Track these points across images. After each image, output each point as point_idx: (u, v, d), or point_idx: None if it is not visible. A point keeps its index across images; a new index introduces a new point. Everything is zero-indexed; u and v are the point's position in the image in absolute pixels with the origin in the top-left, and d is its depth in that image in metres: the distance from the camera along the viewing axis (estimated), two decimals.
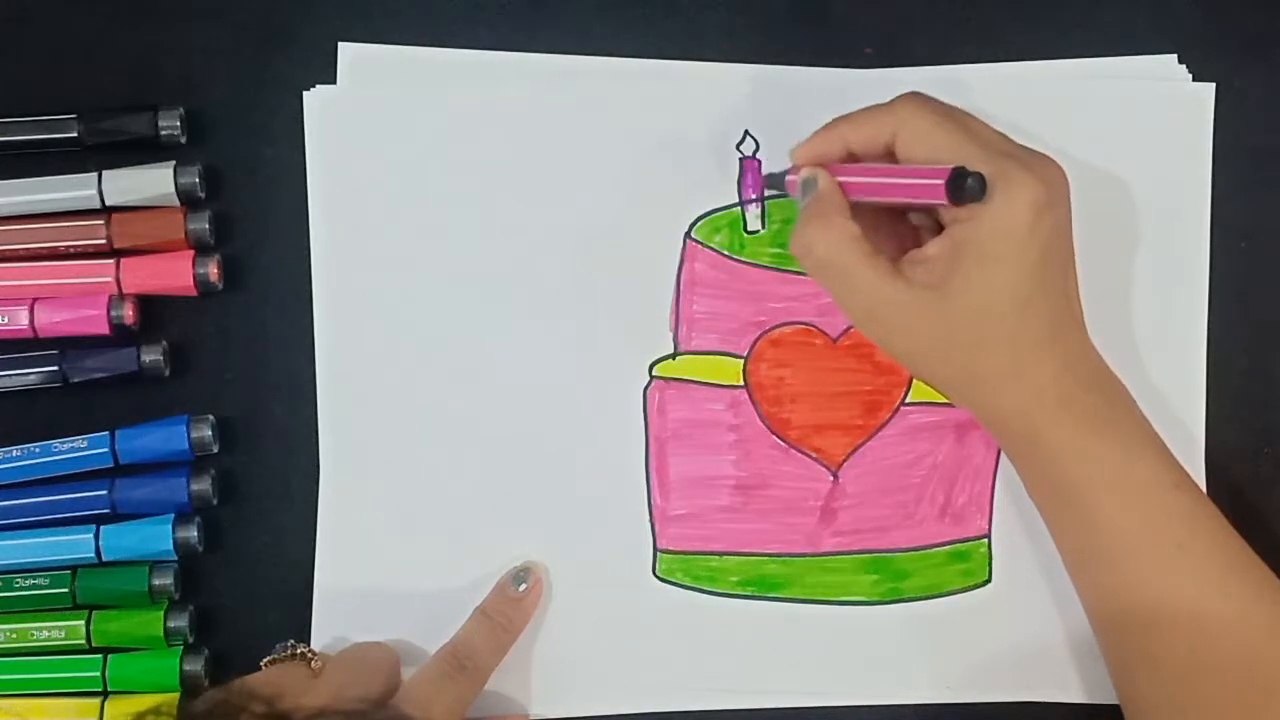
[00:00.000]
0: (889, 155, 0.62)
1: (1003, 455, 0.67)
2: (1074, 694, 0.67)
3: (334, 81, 0.69)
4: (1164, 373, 0.67)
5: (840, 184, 0.61)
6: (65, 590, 0.66)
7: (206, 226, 0.67)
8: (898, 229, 0.64)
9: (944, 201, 0.58)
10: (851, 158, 0.63)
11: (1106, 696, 0.66)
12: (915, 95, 0.62)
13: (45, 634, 0.66)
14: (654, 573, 0.68)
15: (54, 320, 0.67)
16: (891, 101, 0.62)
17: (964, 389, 0.62)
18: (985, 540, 0.68)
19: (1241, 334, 0.68)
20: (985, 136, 0.61)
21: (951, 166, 0.58)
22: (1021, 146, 0.61)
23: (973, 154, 0.59)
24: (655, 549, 0.68)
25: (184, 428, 0.67)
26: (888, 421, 0.68)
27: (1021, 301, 0.59)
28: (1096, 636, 0.64)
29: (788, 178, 0.64)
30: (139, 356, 0.67)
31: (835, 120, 0.63)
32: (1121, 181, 0.68)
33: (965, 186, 0.57)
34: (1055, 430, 0.61)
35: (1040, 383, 0.60)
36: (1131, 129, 0.68)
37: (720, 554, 0.68)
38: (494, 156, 0.68)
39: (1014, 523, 0.67)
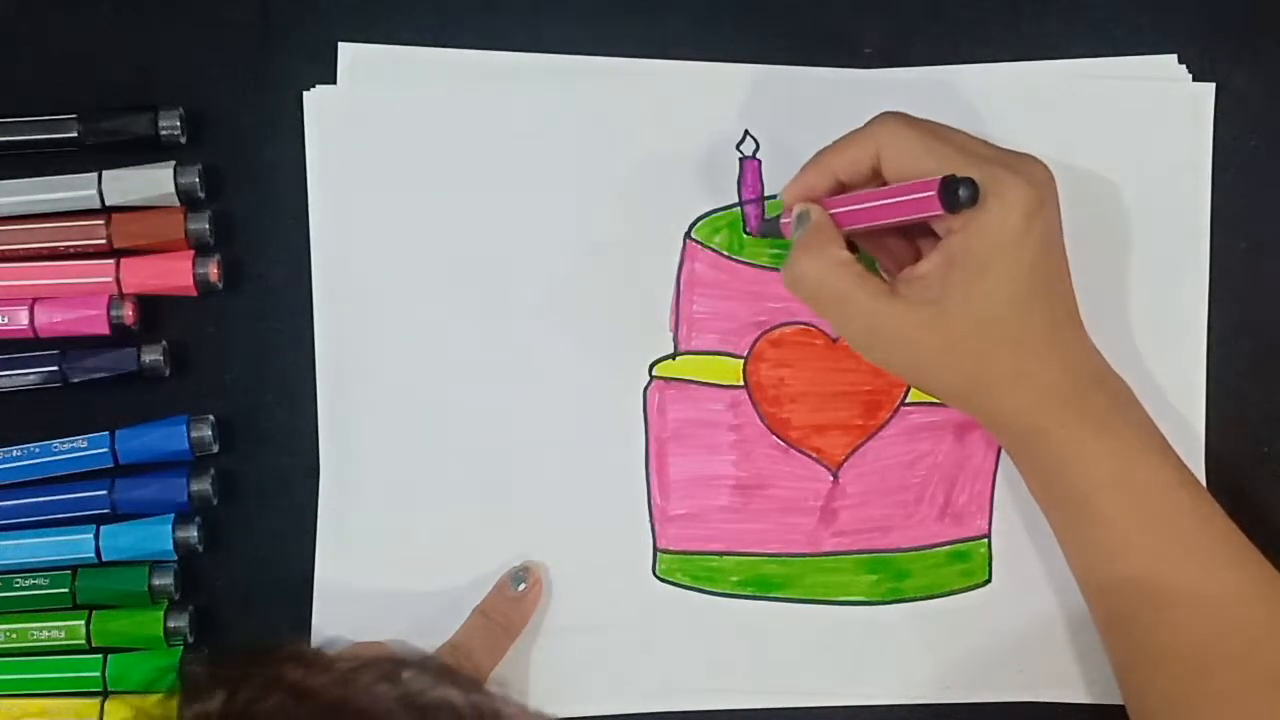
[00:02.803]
0: (876, 178, 0.62)
1: (1003, 455, 0.67)
2: (1075, 694, 0.67)
3: (334, 81, 0.68)
4: (1164, 372, 0.67)
5: (834, 215, 0.62)
6: (65, 590, 0.66)
7: (206, 226, 0.67)
8: (895, 250, 0.64)
9: (939, 212, 0.58)
10: (840, 188, 0.63)
11: (1107, 696, 0.66)
12: (892, 114, 0.62)
13: (45, 634, 0.66)
14: (654, 573, 0.68)
15: (54, 320, 0.67)
16: (869, 124, 0.62)
17: (967, 396, 0.62)
18: (985, 540, 0.68)
19: (1241, 334, 0.68)
20: (967, 145, 0.61)
21: (941, 176, 0.58)
22: (1004, 150, 0.61)
23: (959, 163, 0.59)
24: (655, 549, 0.68)
25: (184, 428, 0.67)
26: (888, 421, 0.68)
27: (1021, 304, 0.59)
28: (1100, 634, 0.64)
29: (781, 221, 0.64)
30: (139, 356, 0.67)
31: (817, 154, 0.63)
32: (1122, 182, 0.68)
33: (959, 194, 0.57)
34: (1059, 430, 0.61)
35: (1043, 383, 0.60)
36: (1131, 129, 0.68)
37: (720, 554, 0.68)
38: (494, 156, 0.68)
39: (1014, 523, 0.67)
